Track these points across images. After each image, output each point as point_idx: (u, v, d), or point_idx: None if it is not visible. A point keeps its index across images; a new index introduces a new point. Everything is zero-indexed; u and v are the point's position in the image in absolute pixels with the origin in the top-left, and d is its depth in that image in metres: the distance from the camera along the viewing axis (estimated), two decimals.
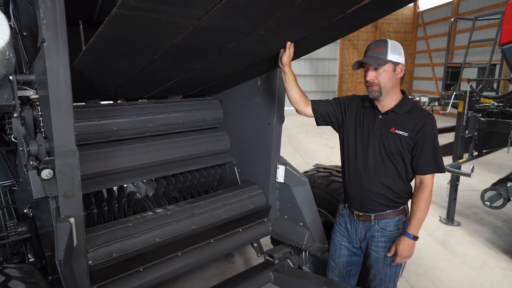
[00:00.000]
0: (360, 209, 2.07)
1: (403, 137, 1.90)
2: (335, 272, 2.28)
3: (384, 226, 2.02)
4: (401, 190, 1.99)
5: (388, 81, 1.88)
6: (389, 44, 1.87)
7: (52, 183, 1.66)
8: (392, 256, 2.02)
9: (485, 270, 3.60)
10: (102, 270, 1.96)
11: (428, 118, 1.90)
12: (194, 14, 1.36)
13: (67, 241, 1.58)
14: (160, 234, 2.25)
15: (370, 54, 1.87)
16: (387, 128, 1.94)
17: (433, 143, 1.89)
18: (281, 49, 2.06)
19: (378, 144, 1.95)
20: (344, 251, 2.20)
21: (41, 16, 1.41)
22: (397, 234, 2.02)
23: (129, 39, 1.51)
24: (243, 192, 2.79)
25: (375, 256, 2.08)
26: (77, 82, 1.73)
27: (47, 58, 1.47)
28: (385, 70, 1.86)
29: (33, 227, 2.28)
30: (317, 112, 2.18)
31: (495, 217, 4.88)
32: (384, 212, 2.01)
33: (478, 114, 4.31)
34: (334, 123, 2.18)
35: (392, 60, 1.86)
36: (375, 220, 2.03)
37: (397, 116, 1.94)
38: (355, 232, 2.13)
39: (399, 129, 1.91)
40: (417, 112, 1.94)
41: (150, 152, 2.62)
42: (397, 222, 2.02)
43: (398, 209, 2.01)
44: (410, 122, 1.90)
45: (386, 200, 1.99)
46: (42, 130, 1.75)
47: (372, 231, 2.04)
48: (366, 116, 2.03)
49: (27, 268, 1.50)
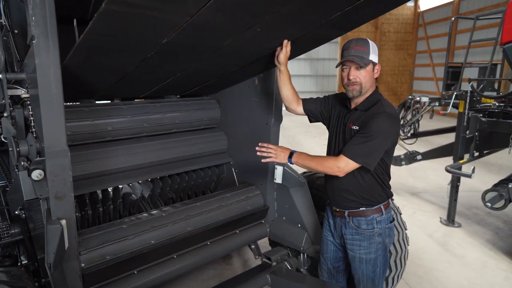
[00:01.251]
0: (335, 204, 2.09)
1: (354, 131, 1.90)
2: (324, 268, 2.29)
3: (358, 224, 2.01)
4: (372, 188, 1.96)
5: (368, 81, 1.88)
6: (370, 44, 1.86)
7: (43, 184, 1.62)
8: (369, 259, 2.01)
9: (486, 272, 3.55)
10: (95, 273, 1.92)
11: (380, 112, 1.83)
12: (186, 11, 1.33)
13: (57, 244, 1.54)
14: (155, 236, 2.22)
15: (354, 52, 1.84)
16: (348, 123, 1.96)
17: (369, 133, 1.80)
18: (278, 47, 2.03)
19: (341, 140, 1.98)
20: (330, 247, 2.21)
21: (30, 12, 1.38)
22: (371, 233, 1.99)
23: (120, 36, 1.47)
24: (240, 193, 2.76)
25: (351, 255, 2.08)
26: (70, 81, 1.70)
27: (36, 56, 1.43)
28: (367, 70, 1.86)
29: (26, 228, 2.24)
30: (308, 111, 2.21)
31: (496, 218, 4.83)
32: (357, 209, 2.00)
33: (479, 114, 4.26)
34: (324, 120, 2.20)
35: (373, 61, 1.86)
36: (349, 217, 2.03)
37: (359, 112, 1.94)
38: (335, 228, 2.15)
39: (354, 124, 1.92)
40: (376, 107, 1.89)
41: (146, 153, 2.59)
42: (371, 220, 1.99)
43: (372, 208, 1.99)
44: (366, 116, 1.88)
45: (355, 197, 1.98)
46: (33, 130, 1.72)
47: (348, 227, 2.05)
48: (340, 113, 2.06)
49: (15, 272, 1.46)
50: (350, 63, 1.86)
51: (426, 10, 18.15)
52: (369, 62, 1.85)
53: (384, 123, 1.82)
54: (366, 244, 2.01)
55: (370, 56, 1.84)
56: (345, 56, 1.87)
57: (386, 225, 2.02)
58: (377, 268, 2.06)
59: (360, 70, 1.86)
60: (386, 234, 2.03)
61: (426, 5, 18.19)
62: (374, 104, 1.91)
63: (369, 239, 2.00)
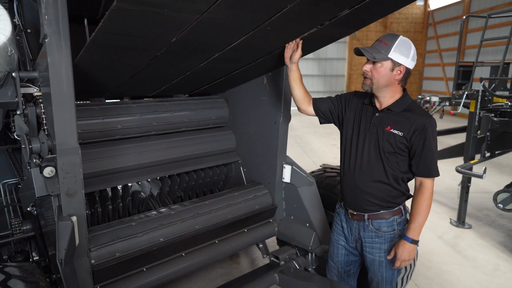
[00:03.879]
0: (354, 208, 2.01)
1: (398, 136, 1.82)
2: (334, 271, 2.23)
3: (378, 227, 1.96)
4: (396, 191, 1.92)
5: (381, 78, 1.79)
6: (398, 41, 1.75)
7: (54, 181, 1.64)
8: (388, 259, 1.97)
9: (497, 275, 3.49)
10: (105, 270, 1.94)
11: (428, 120, 1.81)
12: (196, 9, 1.33)
13: (68, 240, 1.56)
14: (164, 233, 2.23)
15: (374, 45, 1.79)
16: (383, 126, 1.87)
17: (435, 146, 1.82)
18: (287, 45, 2.02)
19: (373, 143, 1.89)
20: (341, 251, 2.16)
21: (43, 11, 1.40)
22: (392, 235, 1.96)
23: (131, 34, 1.48)
24: (248, 192, 2.76)
25: (370, 258, 2.02)
26: (81, 80, 1.72)
27: (49, 55, 1.46)
28: (382, 66, 1.77)
29: (37, 225, 2.27)
30: (319, 110, 2.14)
31: (508, 220, 4.75)
32: (378, 212, 1.95)
33: (490, 114, 4.20)
34: (335, 121, 2.13)
35: (393, 59, 1.75)
36: (368, 220, 1.97)
37: (393, 114, 1.86)
38: (350, 232, 2.08)
39: (394, 128, 1.84)
40: (415, 112, 1.84)
41: (155, 151, 2.61)
42: (391, 222, 1.95)
43: (393, 210, 1.94)
44: (407, 121, 1.82)
45: (379, 200, 1.92)
46: (45, 127, 1.74)
47: (367, 231, 1.99)
48: (364, 113, 1.96)
49: (28, 267, 1.48)
50: (366, 55, 1.80)
51: (436, 9, 17.95)
52: (383, 59, 1.75)
53: (435, 129, 1.83)
54: (386, 247, 1.96)
55: (391, 53, 1.74)
56: (362, 47, 1.82)
57: (405, 225, 1.97)
58: (396, 271, 2.03)
59: (374, 65, 1.79)
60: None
61: (436, 4, 17.99)
62: (409, 106, 1.85)
63: (390, 241, 1.96)
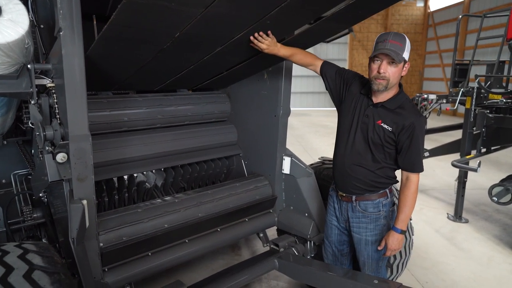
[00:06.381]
0: (342, 190, 2.16)
1: (387, 131, 1.93)
2: (329, 250, 2.39)
3: (365, 207, 2.10)
4: (382, 176, 2.05)
5: (396, 78, 1.87)
6: (407, 41, 1.83)
7: (66, 167, 1.75)
8: (375, 241, 2.12)
9: (492, 266, 3.58)
10: (113, 253, 2.04)
11: (418, 118, 1.91)
12: (201, 2, 1.44)
13: (80, 221, 1.66)
14: (168, 220, 2.33)
15: (390, 46, 1.78)
16: (375, 119, 1.97)
17: (422, 143, 1.94)
18: (285, 39, 2.12)
19: (364, 132, 2.00)
20: (334, 230, 2.30)
21: (58, 6, 1.51)
22: (377, 215, 2.10)
23: (140, 28, 1.59)
24: (249, 183, 2.86)
25: (357, 238, 2.17)
26: (91, 73, 1.82)
27: (63, 47, 1.56)
28: (398, 67, 1.84)
29: (48, 212, 2.38)
30: (325, 75, 2.17)
31: (504, 215, 4.84)
32: (364, 194, 2.09)
33: (486, 111, 4.29)
34: (334, 96, 2.18)
35: (405, 59, 1.84)
36: (356, 201, 2.11)
37: (386, 110, 1.95)
38: (340, 212, 2.23)
39: (385, 122, 1.94)
40: (407, 109, 1.93)
41: (159, 143, 2.71)
42: (377, 204, 2.09)
43: (378, 192, 2.08)
44: (397, 118, 1.91)
45: (365, 185, 2.06)
46: (57, 116, 1.85)
47: (355, 211, 2.13)
48: (360, 102, 2.04)
49: (42, 245, 1.58)
50: (383, 57, 1.82)
51: (436, 10, 18.03)
52: (402, 60, 1.81)
53: (424, 127, 1.94)
54: (372, 227, 2.11)
55: (404, 53, 1.81)
56: (381, 49, 1.80)
57: (390, 208, 2.13)
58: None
59: (392, 66, 1.82)
60: (390, 217, 2.14)
61: (436, 5, 18.08)
62: (403, 103, 1.94)
63: (375, 221, 2.11)
